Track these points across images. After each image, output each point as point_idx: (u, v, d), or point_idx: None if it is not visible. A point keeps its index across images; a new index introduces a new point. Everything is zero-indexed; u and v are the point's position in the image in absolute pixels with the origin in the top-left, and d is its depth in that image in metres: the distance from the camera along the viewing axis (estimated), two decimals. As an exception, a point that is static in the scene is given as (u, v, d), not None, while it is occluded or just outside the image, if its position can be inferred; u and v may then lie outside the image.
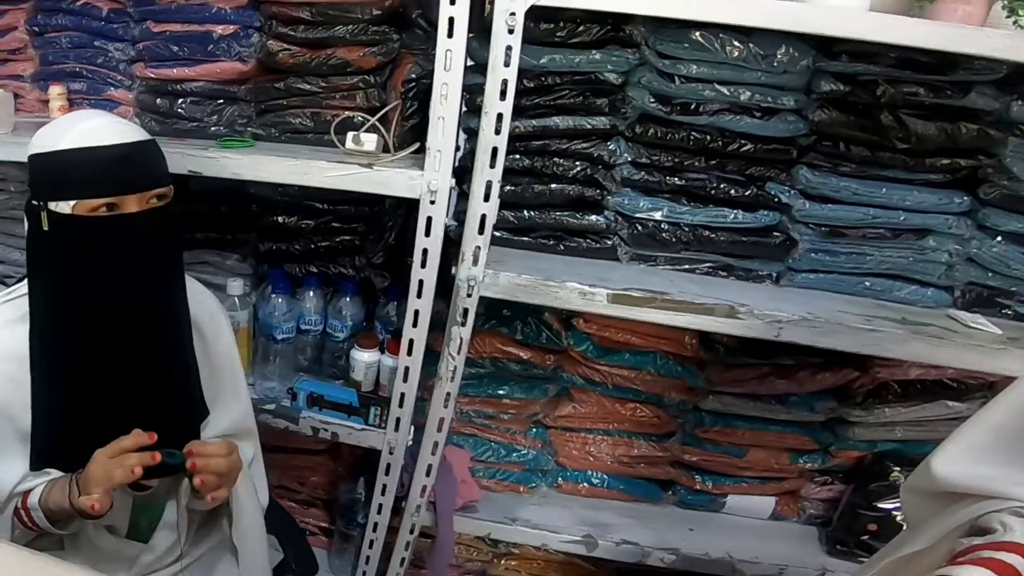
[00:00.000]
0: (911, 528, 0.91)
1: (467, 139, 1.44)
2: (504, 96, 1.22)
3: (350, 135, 1.37)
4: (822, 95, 1.32)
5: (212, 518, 1.29)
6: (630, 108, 1.38)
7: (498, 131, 1.25)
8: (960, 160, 1.34)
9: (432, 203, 1.31)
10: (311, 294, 1.64)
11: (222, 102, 1.48)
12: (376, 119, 1.38)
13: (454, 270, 1.36)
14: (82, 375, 1.07)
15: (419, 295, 1.39)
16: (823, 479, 1.72)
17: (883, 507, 1.60)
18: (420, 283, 1.38)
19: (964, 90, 1.28)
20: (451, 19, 1.18)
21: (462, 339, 1.42)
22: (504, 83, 1.21)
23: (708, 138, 1.37)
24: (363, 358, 1.59)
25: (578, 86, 1.36)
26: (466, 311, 1.38)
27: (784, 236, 1.44)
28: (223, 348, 1.30)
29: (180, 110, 1.48)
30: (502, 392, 1.66)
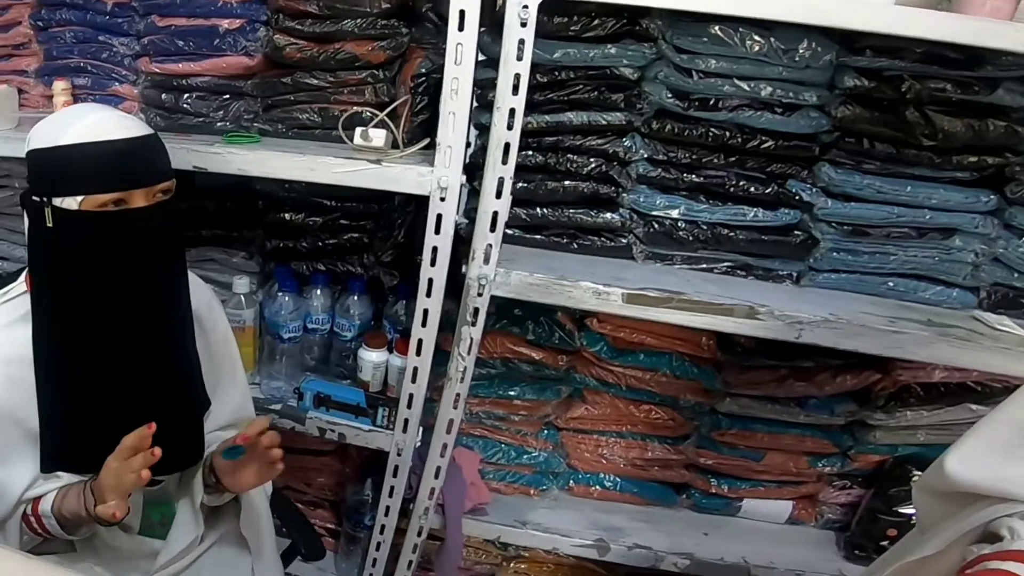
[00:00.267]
0: (922, 528, 0.90)
1: (478, 135, 1.44)
2: (516, 91, 1.21)
3: (358, 131, 1.37)
4: (845, 91, 1.31)
5: (219, 508, 1.32)
6: (646, 104, 1.37)
7: (510, 126, 1.24)
8: (987, 158, 1.32)
9: (442, 200, 1.31)
10: (318, 292, 1.65)
11: (228, 97, 1.48)
12: (385, 114, 1.38)
13: (464, 268, 1.36)
14: (89, 374, 1.08)
15: (428, 294, 1.39)
16: (842, 483, 1.72)
17: (904, 512, 1.59)
18: (430, 281, 1.38)
19: (992, 86, 1.27)
20: (462, 12, 1.17)
21: (472, 339, 1.42)
22: (516, 77, 1.20)
23: (727, 134, 1.36)
24: (371, 358, 1.59)
25: (593, 81, 1.36)
26: (477, 310, 1.38)
27: (805, 235, 1.43)
28: (220, 338, 1.32)
29: (185, 105, 1.48)
30: (513, 393, 1.66)
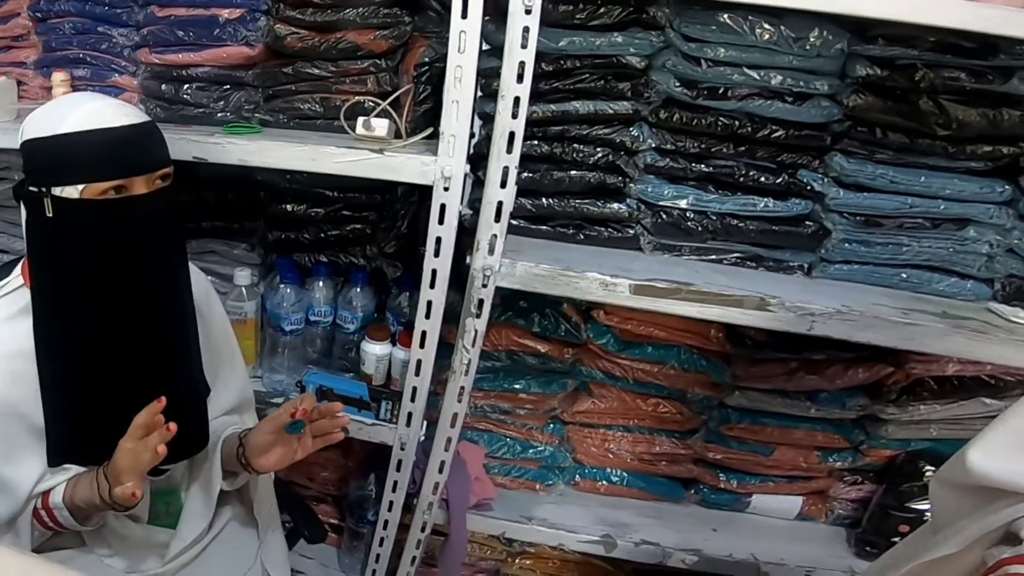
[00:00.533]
0: (938, 524, 0.90)
1: (482, 125, 1.45)
2: (521, 79, 1.22)
3: (360, 120, 1.38)
4: (857, 80, 1.32)
5: (224, 494, 1.34)
6: (654, 92, 1.37)
7: (515, 115, 1.25)
8: (1002, 147, 1.33)
9: (446, 190, 1.32)
10: (320, 284, 1.66)
11: (228, 88, 1.49)
12: (387, 104, 1.39)
13: (469, 259, 1.37)
14: (93, 364, 1.09)
15: (432, 285, 1.40)
16: (853, 478, 1.73)
17: (916, 508, 1.60)
18: (433, 273, 1.39)
19: (1006, 75, 1.27)
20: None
21: (477, 331, 1.43)
22: (521, 65, 1.21)
23: (737, 124, 1.36)
24: (374, 350, 1.61)
25: (599, 70, 1.36)
26: (481, 302, 1.39)
27: (817, 225, 1.43)
28: (218, 325, 1.35)
29: (186, 96, 1.49)
30: (518, 386, 1.67)
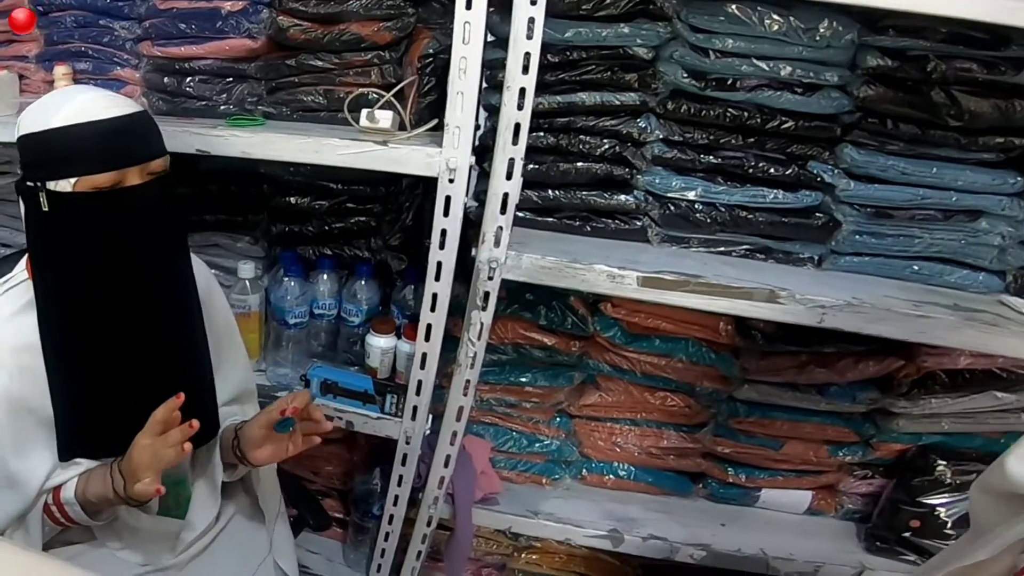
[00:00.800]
0: (977, 530, 0.90)
1: (488, 116, 1.47)
2: (527, 70, 1.23)
3: (364, 112, 1.39)
4: (868, 71, 1.32)
5: (230, 485, 1.37)
6: (661, 84, 1.38)
7: (520, 106, 1.26)
8: (1014, 139, 1.34)
9: (451, 181, 1.33)
10: (325, 277, 1.68)
11: (231, 80, 1.51)
12: (391, 95, 1.40)
13: (474, 252, 1.38)
14: (99, 357, 1.11)
15: (437, 278, 1.41)
16: (863, 473, 1.74)
17: (927, 503, 1.62)
18: (438, 265, 1.40)
19: (1018, 67, 1.28)
20: (470, -10, 1.19)
21: (482, 324, 1.44)
22: (527, 56, 1.22)
23: (746, 115, 1.37)
24: (379, 344, 1.62)
25: (605, 61, 1.37)
26: (487, 295, 1.41)
27: (827, 217, 1.44)
28: (220, 315, 1.36)
29: (188, 89, 1.51)
30: (525, 380, 1.69)
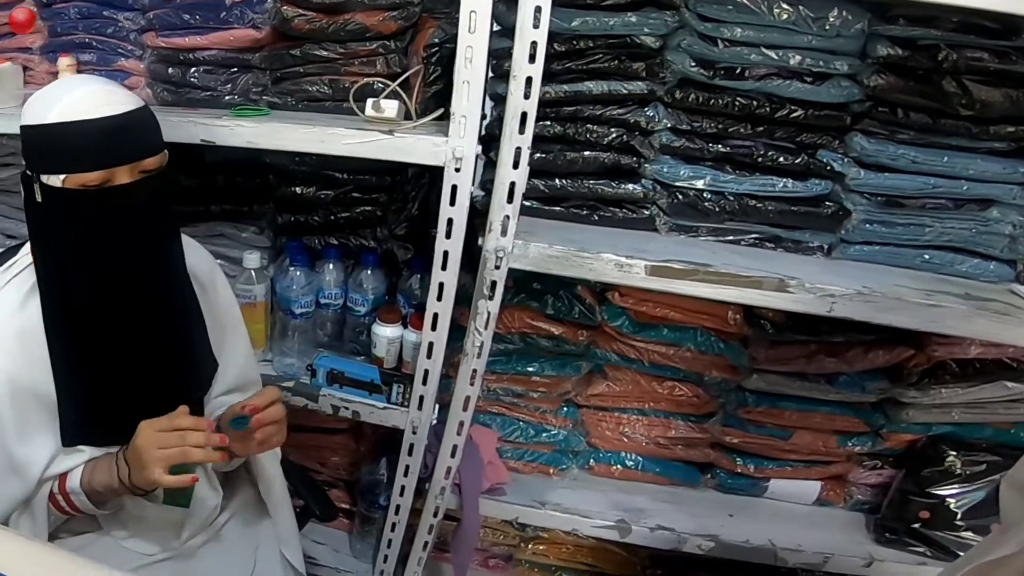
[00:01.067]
0: (1007, 525, 0.89)
1: (494, 106, 1.48)
2: (533, 59, 1.24)
3: (370, 102, 1.40)
4: (878, 60, 1.33)
5: (235, 476, 1.41)
6: (669, 73, 1.40)
7: (527, 95, 1.27)
8: (1025, 128, 1.35)
9: (457, 170, 1.34)
10: (331, 267, 1.70)
11: (236, 71, 1.52)
12: (397, 84, 1.42)
13: (481, 241, 1.40)
14: (94, 345, 1.14)
15: (444, 267, 1.43)
16: (872, 463, 1.75)
17: (937, 493, 1.63)
18: (445, 254, 1.42)
19: (1030, 56, 1.29)
20: (475, -21, 1.20)
21: (489, 313, 1.46)
22: (533, 46, 1.23)
23: (755, 104, 1.38)
24: (385, 333, 1.64)
25: (613, 50, 1.38)
26: (494, 284, 1.42)
27: (837, 206, 1.45)
28: (222, 300, 1.38)
29: (193, 79, 1.53)
30: (532, 369, 1.70)
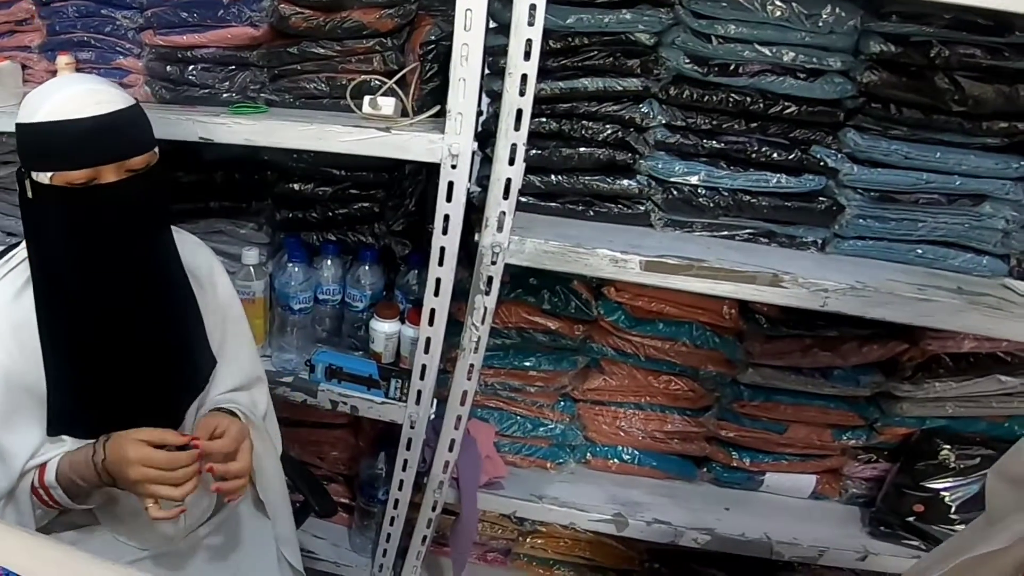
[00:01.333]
0: (992, 518, 0.89)
1: (490, 103, 1.50)
2: (528, 56, 1.26)
3: (367, 99, 1.43)
4: (871, 56, 1.35)
5: None
6: (663, 69, 1.42)
7: (523, 92, 1.29)
8: (1018, 124, 1.37)
9: (453, 167, 1.37)
10: (329, 263, 1.73)
11: (234, 68, 1.55)
12: (394, 82, 1.45)
13: (477, 237, 1.42)
14: (83, 336, 1.16)
15: (441, 263, 1.46)
16: (867, 457, 1.78)
17: (931, 487, 1.65)
18: (442, 250, 1.44)
19: (1022, 52, 1.31)
20: (470, -23, 1.23)
21: (486, 308, 1.48)
22: (528, 43, 1.25)
23: (748, 100, 1.41)
24: (383, 328, 1.67)
25: (608, 47, 1.41)
26: (490, 279, 1.45)
27: (830, 201, 1.48)
28: (223, 298, 1.39)
29: (191, 77, 1.56)
30: (529, 364, 1.73)
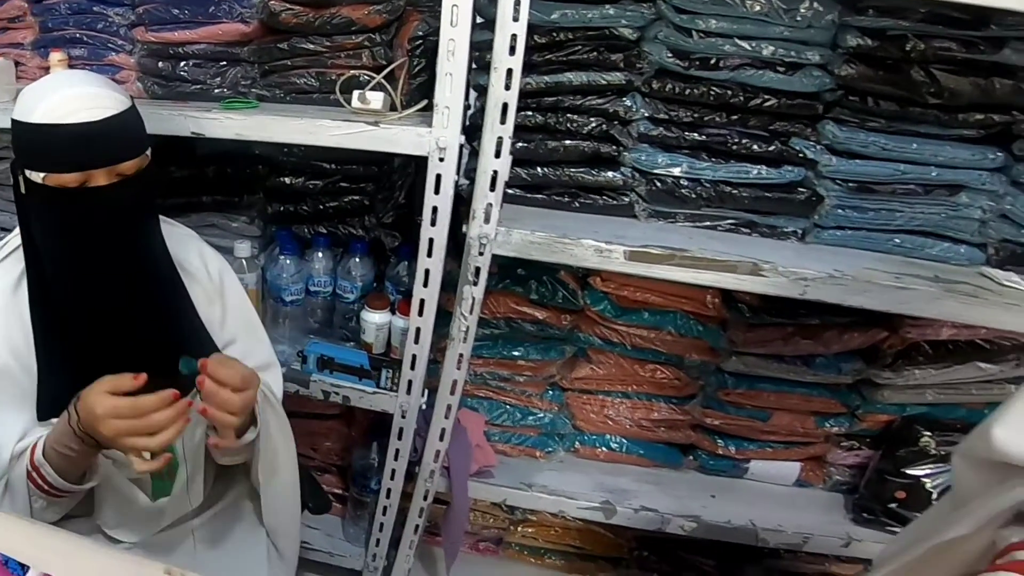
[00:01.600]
0: (959, 499, 0.90)
1: (478, 96, 1.54)
2: (513, 51, 1.30)
3: (356, 94, 1.47)
4: (849, 50, 1.39)
5: (231, 469, 1.43)
6: (646, 63, 1.46)
7: (508, 86, 1.33)
8: (993, 115, 1.40)
9: (441, 160, 1.41)
10: (320, 255, 1.77)
11: (225, 64, 1.58)
12: (382, 77, 1.48)
13: (465, 228, 1.46)
14: (73, 329, 1.19)
15: (429, 254, 1.50)
16: (850, 444, 1.82)
17: (912, 474, 1.68)
18: (430, 242, 1.48)
19: (997, 45, 1.34)
20: (456, -27, 1.27)
21: (474, 298, 1.52)
22: (513, 38, 1.29)
23: (729, 93, 1.45)
24: (374, 319, 1.71)
25: (591, 42, 1.45)
26: (478, 270, 1.48)
27: (810, 192, 1.52)
28: (235, 297, 1.42)
29: (183, 73, 1.59)
30: (517, 353, 1.77)
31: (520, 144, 1.50)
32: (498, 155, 1.39)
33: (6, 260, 1.23)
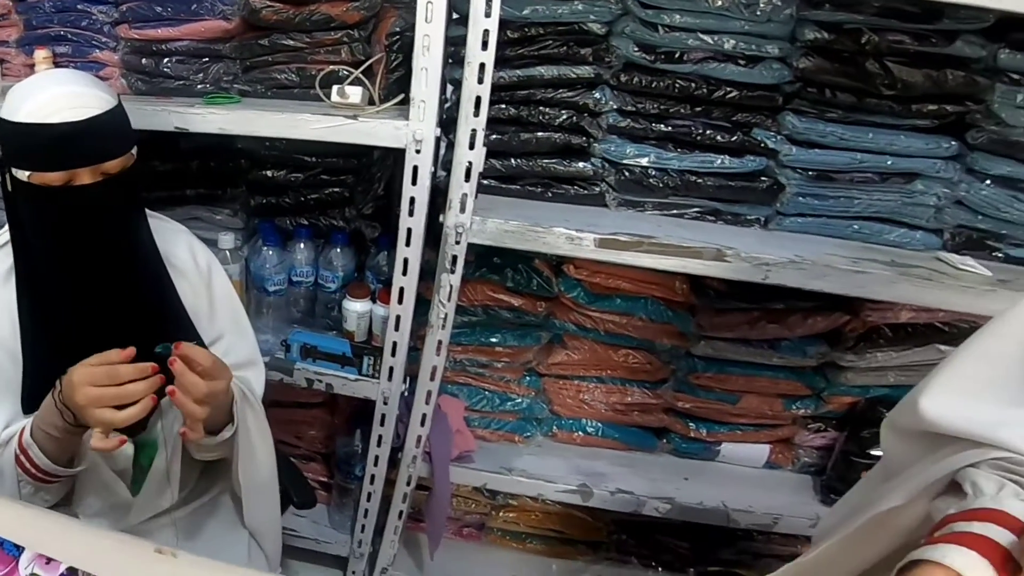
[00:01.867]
0: (889, 470, 0.92)
1: (453, 90, 1.58)
2: (486, 46, 1.36)
3: (335, 88, 1.52)
4: (806, 43, 1.46)
5: (216, 465, 1.45)
6: (614, 57, 1.52)
7: (481, 80, 1.39)
8: (947, 106, 1.47)
9: (418, 152, 1.46)
10: (302, 246, 1.82)
11: (207, 60, 1.62)
12: (360, 72, 1.54)
13: (442, 218, 1.51)
14: (60, 324, 1.22)
15: (408, 244, 1.55)
16: (816, 426, 1.88)
17: (877, 454, 1.71)
18: (408, 231, 1.54)
19: (949, 38, 1.41)
20: (430, -29, 1.32)
21: (452, 286, 1.57)
22: (486, 33, 1.34)
23: (693, 85, 1.51)
24: (355, 308, 1.76)
25: (562, 36, 1.51)
26: (455, 258, 1.54)
27: (771, 181, 1.58)
28: (221, 290, 1.44)
29: (166, 69, 1.63)
30: (494, 340, 1.82)
31: (494, 136, 1.56)
32: (472, 147, 1.44)
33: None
